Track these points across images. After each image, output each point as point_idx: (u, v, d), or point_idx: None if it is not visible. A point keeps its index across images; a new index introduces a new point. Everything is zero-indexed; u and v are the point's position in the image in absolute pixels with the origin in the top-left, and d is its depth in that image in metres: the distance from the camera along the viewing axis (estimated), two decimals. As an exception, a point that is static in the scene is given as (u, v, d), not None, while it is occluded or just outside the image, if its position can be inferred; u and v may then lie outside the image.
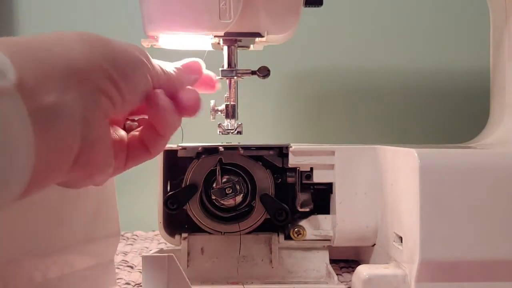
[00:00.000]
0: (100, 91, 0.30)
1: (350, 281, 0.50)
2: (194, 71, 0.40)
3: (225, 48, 0.57)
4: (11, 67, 0.25)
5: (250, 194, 0.56)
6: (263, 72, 0.58)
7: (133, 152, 0.36)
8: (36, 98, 0.26)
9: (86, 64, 0.29)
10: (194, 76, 0.40)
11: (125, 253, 0.70)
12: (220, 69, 0.57)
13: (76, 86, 0.28)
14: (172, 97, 0.36)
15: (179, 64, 0.40)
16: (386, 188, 0.53)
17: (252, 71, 0.57)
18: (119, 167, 0.36)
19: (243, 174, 0.56)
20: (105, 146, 0.31)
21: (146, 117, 0.37)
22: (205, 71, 0.42)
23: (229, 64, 0.57)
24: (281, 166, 0.57)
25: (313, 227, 0.57)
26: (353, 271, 0.49)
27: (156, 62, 0.36)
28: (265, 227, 0.57)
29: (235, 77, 0.57)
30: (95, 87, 0.29)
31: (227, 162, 0.56)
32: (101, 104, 0.30)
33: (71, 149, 0.28)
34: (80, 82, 0.28)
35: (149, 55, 0.35)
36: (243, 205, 0.56)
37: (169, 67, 0.38)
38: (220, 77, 0.57)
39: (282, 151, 0.57)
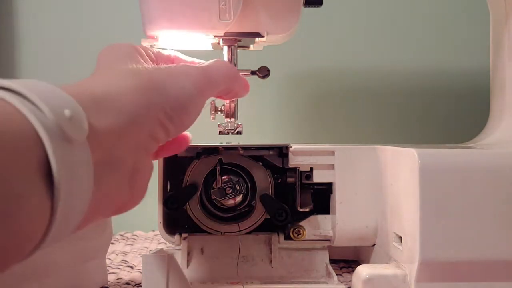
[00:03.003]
0: (152, 137, 0.32)
1: (350, 281, 0.50)
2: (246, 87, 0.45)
3: (225, 48, 0.57)
4: (84, 117, 0.26)
5: (250, 194, 0.56)
6: (263, 72, 0.57)
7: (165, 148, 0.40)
8: (99, 150, 0.27)
9: (144, 115, 0.30)
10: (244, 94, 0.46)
11: (125, 253, 0.70)
12: (220, 69, 0.57)
13: (132, 137, 0.30)
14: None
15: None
16: (386, 188, 0.53)
17: (252, 71, 0.57)
18: None
19: (243, 174, 0.56)
20: (149, 177, 0.34)
21: None
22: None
23: (229, 64, 0.57)
24: (281, 166, 0.57)
25: (313, 227, 0.57)
26: (353, 271, 0.49)
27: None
28: (265, 227, 0.57)
29: (235, 77, 0.57)
30: (149, 135, 0.31)
31: (227, 162, 0.56)
32: (151, 149, 0.32)
33: (119, 196, 0.30)
34: (137, 133, 0.30)
35: (203, 71, 0.37)
36: (243, 205, 0.56)
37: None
38: None
39: (282, 151, 0.57)
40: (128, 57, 0.35)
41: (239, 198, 0.55)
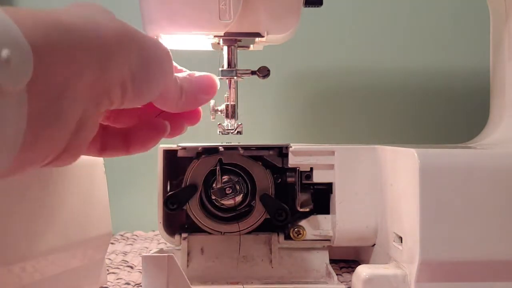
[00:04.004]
0: (107, 93, 0.27)
1: (350, 281, 0.50)
2: (208, 90, 0.36)
3: (225, 48, 0.57)
4: (31, 59, 0.22)
5: (250, 194, 0.56)
6: (263, 72, 0.57)
7: (111, 143, 0.34)
8: (42, 99, 0.23)
9: (111, 61, 0.26)
10: (207, 96, 0.36)
11: (125, 253, 0.70)
12: (220, 69, 0.57)
13: (90, 86, 0.25)
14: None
15: (191, 75, 0.36)
16: (386, 188, 0.53)
17: (252, 71, 0.57)
18: (90, 153, 0.34)
19: (243, 174, 0.56)
20: (91, 137, 0.29)
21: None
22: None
23: (229, 64, 0.57)
24: (281, 166, 0.57)
25: (313, 227, 0.57)
26: (353, 271, 0.49)
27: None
28: (265, 227, 0.57)
29: (235, 77, 0.57)
30: (105, 89, 0.27)
31: (227, 162, 0.56)
32: (101, 108, 0.27)
33: (53, 151, 0.26)
34: (96, 81, 0.25)
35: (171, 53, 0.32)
36: (243, 205, 0.56)
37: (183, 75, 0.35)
38: (220, 77, 0.57)
39: (282, 151, 0.57)
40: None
41: (239, 198, 0.55)
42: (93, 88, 0.26)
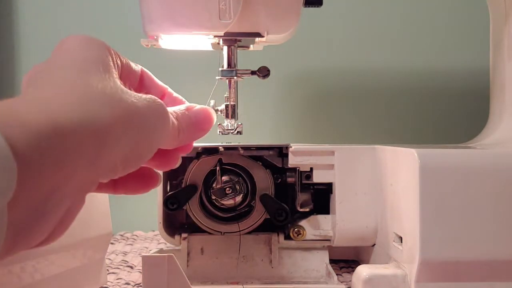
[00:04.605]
0: (99, 178, 0.26)
1: (350, 281, 0.50)
2: (205, 127, 0.35)
3: (225, 48, 0.57)
4: (14, 174, 0.20)
5: (250, 194, 0.56)
6: (263, 72, 0.58)
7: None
8: (26, 207, 0.21)
9: (107, 147, 0.24)
10: (203, 132, 0.35)
11: (125, 253, 0.70)
12: (220, 69, 0.57)
13: (80, 180, 0.24)
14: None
15: (188, 108, 0.35)
16: (386, 188, 0.53)
17: (252, 71, 0.57)
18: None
19: (243, 174, 0.56)
20: (77, 214, 0.27)
21: None
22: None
23: (229, 64, 0.57)
24: (281, 166, 0.57)
25: (313, 227, 0.57)
26: (353, 271, 0.49)
27: (169, 110, 0.31)
28: (265, 227, 0.57)
29: (235, 77, 0.57)
30: (97, 177, 0.25)
31: (227, 162, 0.56)
32: (92, 189, 0.26)
33: (43, 236, 0.24)
34: (88, 176, 0.24)
35: (167, 110, 0.30)
36: (243, 205, 0.56)
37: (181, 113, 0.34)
38: (220, 77, 0.57)
39: (282, 151, 0.57)
40: (101, 63, 0.28)
41: (239, 198, 0.55)
42: (82, 183, 0.24)
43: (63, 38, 0.29)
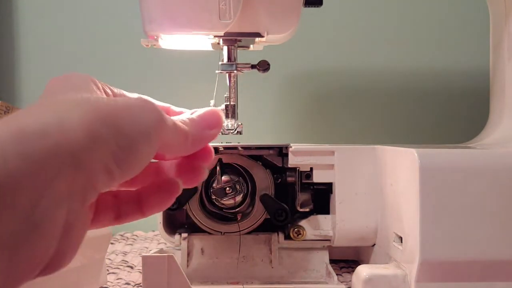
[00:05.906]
0: (92, 184, 0.25)
1: (350, 281, 0.50)
2: (213, 125, 0.34)
3: (225, 48, 0.57)
4: None
5: (250, 194, 0.56)
6: (263, 66, 0.57)
7: (125, 211, 0.32)
8: (14, 216, 0.21)
9: (85, 157, 0.24)
10: (213, 131, 0.34)
11: (125, 253, 0.70)
12: (220, 63, 0.57)
13: (66, 186, 0.23)
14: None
15: (194, 113, 0.34)
16: (386, 188, 0.53)
17: (252, 65, 0.57)
18: (105, 224, 0.32)
19: (243, 174, 0.56)
20: (83, 235, 0.26)
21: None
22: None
23: (229, 59, 0.56)
24: (281, 166, 0.57)
25: (313, 227, 0.57)
26: (353, 271, 0.49)
27: (174, 118, 0.31)
28: (265, 227, 0.57)
29: (235, 71, 0.56)
30: (88, 182, 0.25)
31: (227, 162, 0.56)
32: (89, 199, 0.26)
33: (43, 259, 0.24)
34: (72, 181, 0.24)
35: (162, 112, 0.30)
36: (243, 205, 0.56)
37: (185, 118, 0.33)
38: (220, 71, 0.57)
39: (282, 151, 0.57)
40: (80, 87, 0.29)
41: (239, 198, 0.55)
42: (72, 187, 0.24)
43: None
